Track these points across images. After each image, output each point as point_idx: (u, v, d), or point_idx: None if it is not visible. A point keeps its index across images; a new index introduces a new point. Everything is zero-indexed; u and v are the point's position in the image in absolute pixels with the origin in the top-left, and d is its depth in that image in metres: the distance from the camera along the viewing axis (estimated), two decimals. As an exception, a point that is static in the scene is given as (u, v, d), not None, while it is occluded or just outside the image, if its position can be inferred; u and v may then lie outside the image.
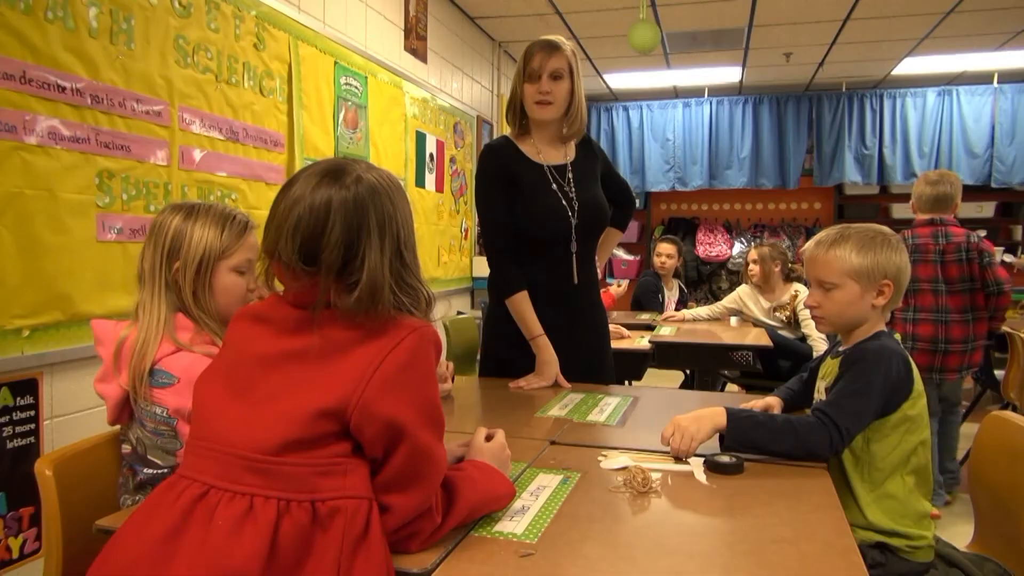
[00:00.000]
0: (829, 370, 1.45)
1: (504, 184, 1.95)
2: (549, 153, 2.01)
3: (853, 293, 1.38)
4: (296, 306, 0.92)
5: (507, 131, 2.09)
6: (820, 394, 1.47)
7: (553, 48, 1.90)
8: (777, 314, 3.75)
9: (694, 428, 1.30)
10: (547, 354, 1.93)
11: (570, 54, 1.92)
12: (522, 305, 1.93)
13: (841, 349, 1.45)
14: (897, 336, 1.44)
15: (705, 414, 1.32)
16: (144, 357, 1.19)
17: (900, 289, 1.40)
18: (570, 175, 2.00)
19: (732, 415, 1.31)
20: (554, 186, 1.97)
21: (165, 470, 1.21)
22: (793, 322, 3.70)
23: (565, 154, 2.03)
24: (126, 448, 1.26)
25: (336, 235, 0.88)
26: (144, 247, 1.31)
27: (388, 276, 0.89)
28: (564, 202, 1.96)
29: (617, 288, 4.27)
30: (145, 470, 1.23)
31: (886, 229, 1.42)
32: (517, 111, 2.00)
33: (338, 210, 0.88)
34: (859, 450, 1.33)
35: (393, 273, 0.90)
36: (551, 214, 1.95)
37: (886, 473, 1.31)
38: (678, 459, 1.29)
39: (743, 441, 1.29)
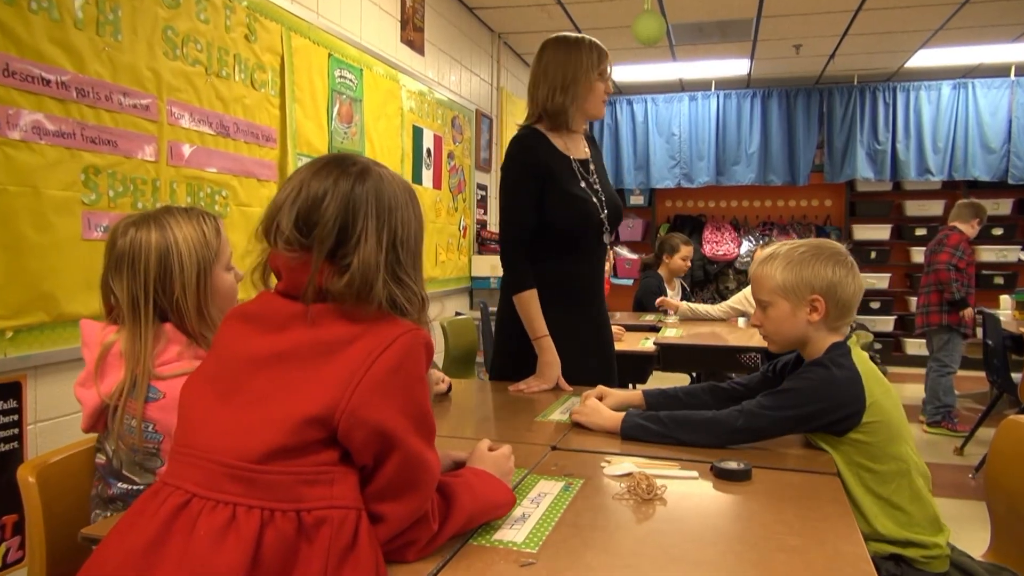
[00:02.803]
0: None
1: (535, 178, 1.91)
2: (573, 148, 2.01)
3: (783, 310, 1.38)
4: (287, 295, 0.90)
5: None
6: None
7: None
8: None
9: (597, 419, 1.47)
10: (550, 355, 1.90)
11: None
12: (530, 303, 1.91)
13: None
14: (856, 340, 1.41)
15: (609, 418, 1.45)
16: (136, 400, 1.12)
17: (838, 303, 1.35)
18: (592, 167, 2.03)
19: (625, 420, 1.42)
20: (583, 183, 1.97)
21: (140, 487, 1.15)
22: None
23: (583, 149, 2.04)
24: (100, 459, 1.19)
25: (332, 210, 0.89)
26: (109, 278, 1.17)
27: (382, 267, 0.89)
28: (593, 197, 1.97)
29: None
30: (119, 484, 1.17)
31: (826, 243, 1.39)
32: (567, 107, 1.93)
33: (336, 187, 0.90)
34: (850, 459, 1.30)
35: (387, 265, 0.90)
36: (586, 207, 1.94)
37: (884, 478, 1.28)
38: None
39: (635, 436, 1.40)
